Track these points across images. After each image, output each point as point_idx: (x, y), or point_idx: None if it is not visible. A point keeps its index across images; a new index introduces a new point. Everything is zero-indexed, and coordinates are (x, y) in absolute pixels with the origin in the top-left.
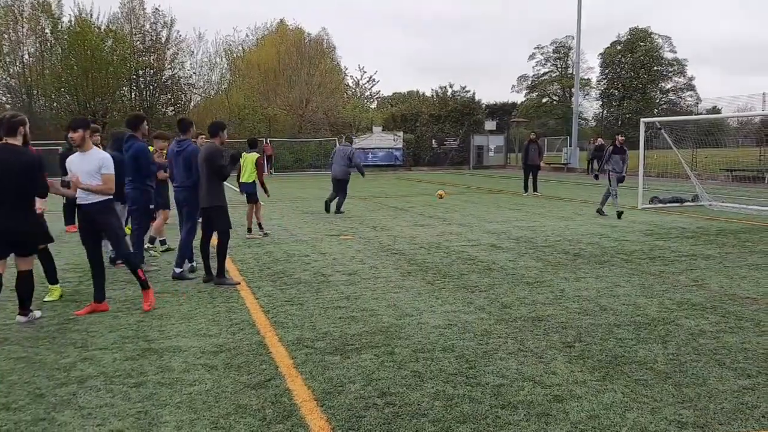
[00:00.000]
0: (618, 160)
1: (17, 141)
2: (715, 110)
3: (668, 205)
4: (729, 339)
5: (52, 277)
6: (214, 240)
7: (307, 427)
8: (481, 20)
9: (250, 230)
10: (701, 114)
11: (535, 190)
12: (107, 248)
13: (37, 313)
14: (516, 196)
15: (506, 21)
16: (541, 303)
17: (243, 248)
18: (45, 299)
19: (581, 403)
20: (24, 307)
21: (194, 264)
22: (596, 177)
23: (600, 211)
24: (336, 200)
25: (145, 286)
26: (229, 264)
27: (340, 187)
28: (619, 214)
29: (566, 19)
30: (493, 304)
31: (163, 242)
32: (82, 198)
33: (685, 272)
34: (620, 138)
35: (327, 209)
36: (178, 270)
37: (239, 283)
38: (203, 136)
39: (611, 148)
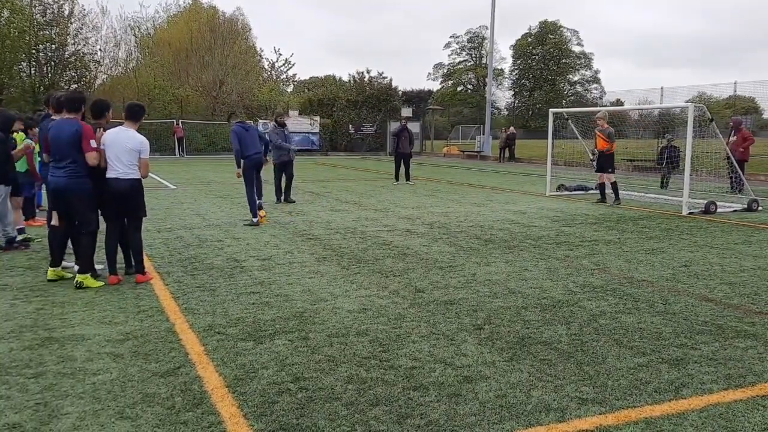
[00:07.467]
0: None
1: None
2: (618, 103)
3: (574, 192)
4: (626, 319)
5: None
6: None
7: (218, 414)
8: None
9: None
10: (605, 106)
11: (407, 179)
12: (3, 230)
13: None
14: (430, 182)
15: (424, 7)
16: (454, 287)
17: (153, 233)
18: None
19: (489, 383)
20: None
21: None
22: None
23: None
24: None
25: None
26: None
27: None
28: None
29: (482, 6)
30: (407, 288)
31: (21, 230)
32: None
33: (588, 257)
34: None
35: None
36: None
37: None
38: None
39: None
